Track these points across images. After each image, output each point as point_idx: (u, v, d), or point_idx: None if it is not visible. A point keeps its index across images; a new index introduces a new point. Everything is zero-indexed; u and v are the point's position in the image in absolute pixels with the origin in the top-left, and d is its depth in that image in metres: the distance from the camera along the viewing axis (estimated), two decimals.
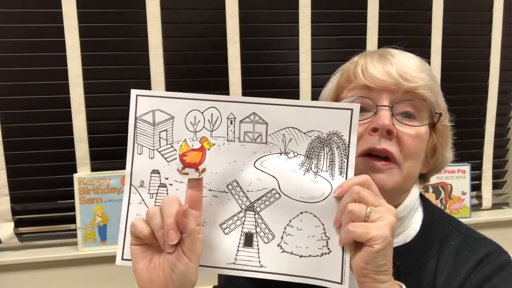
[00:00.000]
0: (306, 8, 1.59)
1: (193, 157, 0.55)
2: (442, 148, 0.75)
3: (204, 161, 0.55)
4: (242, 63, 1.58)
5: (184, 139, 0.55)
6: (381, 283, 0.54)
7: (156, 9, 1.50)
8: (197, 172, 0.55)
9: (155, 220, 0.54)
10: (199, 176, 0.55)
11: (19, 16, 1.45)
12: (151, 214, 0.54)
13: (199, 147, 0.55)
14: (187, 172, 0.55)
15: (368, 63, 0.71)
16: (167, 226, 0.53)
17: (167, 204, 0.54)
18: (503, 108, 1.83)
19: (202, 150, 0.55)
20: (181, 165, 0.55)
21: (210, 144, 0.56)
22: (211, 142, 0.57)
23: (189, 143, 0.55)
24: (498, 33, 1.74)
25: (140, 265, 0.57)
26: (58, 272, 1.51)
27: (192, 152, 0.55)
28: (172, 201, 0.54)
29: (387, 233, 0.53)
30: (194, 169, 0.55)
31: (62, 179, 1.52)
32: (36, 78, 1.49)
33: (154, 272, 0.56)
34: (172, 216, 0.52)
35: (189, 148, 0.55)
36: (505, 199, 1.91)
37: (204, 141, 0.56)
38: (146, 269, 0.56)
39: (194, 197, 0.56)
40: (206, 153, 0.56)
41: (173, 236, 0.52)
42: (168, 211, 0.53)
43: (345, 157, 0.59)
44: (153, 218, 0.54)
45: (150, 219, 0.54)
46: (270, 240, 0.59)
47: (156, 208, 0.55)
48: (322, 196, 0.58)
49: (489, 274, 0.69)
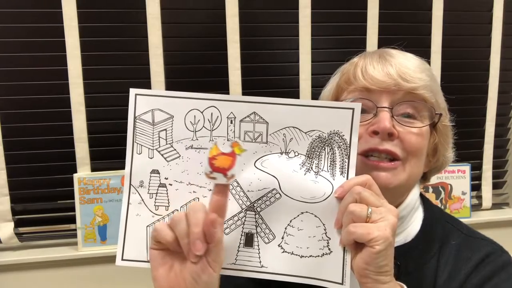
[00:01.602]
0: (306, 8, 1.59)
1: (223, 161, 0.53)
2: (443, 148, 0.75)
3: (234, 167, 0.53)
4: (242, 63, 1.58)
5: (215, 142, 0.54)
6: (382, 283, 0.54)
7: (156, 9, 1.50)
8: (225, 177, 0.52)
9: (180, 227, 0.51)
10: (227, 181, 0.53)
11: (19, 16, 1.45)
12: (176, 220, 0.52)
13: (230, 152, 0.53)
14: (215, 177, 0.52)
15: (367, 64, 0.71)
16: (193, 235, 0.50)
17: (193, 211, 0.51)
18: (503, 108, 1.83)
19: (232, 155, 0.53)
20: (209, 169, 0.52)
21: (241, 150, 0.54)
22: (242, 148, 0.54)
23: (220, 147, 0.53)
24: (498, 33, 1.74)
25: (160, 272, 0.54)
26: (58, 272, 1.51)
27: (222, 156, 0.53)
28: (199, 208, 0.52)
29: (388, 234, 0.53)
30: (223, 174, 0.52)
31: (62, 179, 1.52)
32: (36, 78, 1.49)
33: (175, 280, 0.53)
34: (199, 225, 0.50)
35: (219, 152, 0.53)
36: (505, 199, 1.91)
37: (236, 146, 0.54)
38: (166, 276, 0.54)
39: (219, 203, 0.53)
40: (236, 158, 0.53)
41: (200, 246, 0.50)
42: (195, 219, 0.51)
43: (346, 157, 0.59)
44: (178, 224, 0.52)
45: (175, 226, 0.52)
46: (271, 240, 0.59)
47: (181, 214, 0.52)
48: (323, 196, 0.58)
49: (489, 274, 0.69)
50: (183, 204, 0.60)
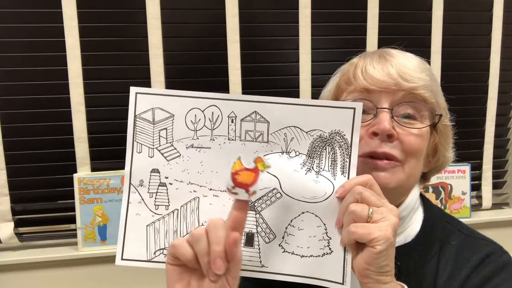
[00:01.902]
0: (306, 8, 1.59)
1: (245, 177, 0.52)
2: (443, 148, 0.75)
3: (256, 183, 0.52)
4: (242, 63, 1.58)
5: (238, 157, 0.53)
6: (383, 283, 0.53)
7: (156, 9, 1.50)
8: (247, 193, 0.51)
9: (201, 245, 0.50)
10: (248, 198, 0.52)
11: (19, 16, 1.45)
12: (196, 237, 0.51)
13: (253, 168, 0.52)
14: (236, 192, 0.51)
15: (367, 65, 0.70)
16: (214, 254, 0.49)
17: (214, 229, 0.50)
18: (503, 108, 1.83)
19: (255, 171, 0.52)
20: (231, 184, 0.51)
21: (265, 166, 0.53)
22: (265, 164, 0.53)
23: (243, 162, 0.52)
24: (498, 33, 1.74)
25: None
26: (58, 272, 1.51)
27: (245, 172, 0.52)
28: (219, 225, 0.50)
29: (389, 234, 0.53)
30: (245, 190, 0.51)
31: (62, 179, 1.52)
32: (36, 78, 1.49)
33: None
34: (220, 243, 0.49)
35: (243, 167, 0.52)
36: (505, 199, 1.91)
37: (259, 162, 0.53)
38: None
39: (238, 219, 0.52)
40: (259, 175, 0.52)
41: (221, 265, 0.49)
42: (216, 237, 0.50)
43: (347, 156, 0.59)
44: (199, 242, 0.50)
45: (194, 243, 0.51)
46: (271, 240, 0.59)
47: (201, 231, 0.51)
48: (324, 196, 0.58)
49: (489, 274, 0.69)
50: (183, 204, 0.60)
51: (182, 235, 0.60)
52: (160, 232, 0.60)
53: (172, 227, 0.60)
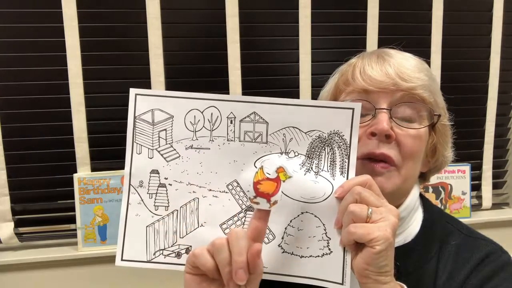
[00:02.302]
0: (306, 8, 1.59)
1: (267, 187, 0.52)
2: (442, 148, 0.75)
3: (278, 193, 0.52)
4: (242, 63, 1.58)
5: (260, 167, 0.53)
6: (382, 284, 0.53)
7: (156, 9, 1.50)
8: (268, 203, 0.52)
9: (222, 255, 0.50)
10: (269, 207, 0.52)
11: (19, 16, 1.45)
12: (218, 247, 0.50)
13: (275, 178, 0.53)
14: (258, 202, 0.52)
15: (365, 65, 0.70)
16: (236, 264, 0.48)
17: (236, 239, 0.50)
18: (503, 108, 1.83)
19: (277, 181, 0.53)
20: (253, 193, 0.52)
21: (287, 176, 0.54)
22: (287, 174, 0.54)
23: (265, 171, 0.53)
24: (498, 33, 1.74)
25: None
26: (58, 272, 1.51)
27: (267, 182, 0.53)
28: (241, 235, 0.50)
29: (388, 234, 0.52)
30: (266, 199, 0.52)
31: (62, 179, 1.52)
32: (36, 78, 1.49)
33: None
34: (242, 254, 0.49)
35: (265, 177, 0.53)
36: (505, 199, 1.91)
37: (281, 172, 0.54)
38: None
39: (259, 229, 0.52)
40: (281, 185, 0.53)
41: (243, 276, 0.48)
42: (238, 248, 0.49)
43: (346, 157, 0.59)
44: (221, 252, 0.50)
45: (216, 253, 0.50)
46: (271, 241, 0.59)
47: (223, 240, 0.50)
48: (323, 196, 0.58)
49: (489, 274, 0.69)
50: (183, 204, 0.60)
51: (182, 235, 0.60)
52: (159, 232, 0.61)
53: (171, 228, 0.60)
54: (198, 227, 0.60)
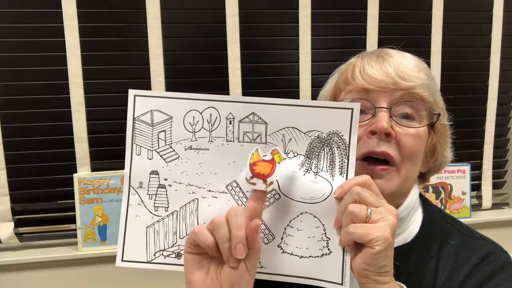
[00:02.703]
0: (306, 8, 1.59)
1: (263, 168, 0.53)
2: (441, 148, 0.75)
3: (273, 174, 0.53)
4: (242, 63, 1.58)
5: (256, 149, 0.54)
6: (382, 284, 0.53)
7: (156, 9, 1.50)
8: (264, 184, 0.53)
9: (222, 231, 0.51)
10: (265, 188, 0.53)
11: (19, 16, 1.45)
12: (217, 223, 0.51)
13: (270, 159, 0.54)
14: (254, 182, 0.53)
15: (365, 64, 0.70)
16: (235, 239, 0.50)
17: (235, 216, 0.51)
18: (503, 108, 1.83)
19: (272, 163, 0.54)
20: (250, 174, 0.53)
21: (281, 158, 0.55)
22: (282, 156, 0.55)
23: (261, 153, 0.54)
24: (498, 33, 1.74)
25: (195, 276, 0.53)
26: (58, 272, 1.51)
27: (263, 163, 0.54)
28: (240, 212, 0.51)
29: (387, 234, 0.53)
30: (262, 180, 0.53)
31: (62, 179, 1.52)
32: (36, 78, 1.49)
33: (212, 285, 0.53)
34: (241, 229, 0.50)
35: (260, 158, 0.54)
36: (505, 199, 1.91)
37: (276, 153, 0.55)
38: (203, 281, 0.53)
39: (256, 210, 0.53)
40: (276, 166, 0.54)
41: (242, 250, 0.50)
42: (237, 223, 0.50)
43: (345, 157, 0.59)
44: (220, 228, 0.51)
45: (216, 229, 0.51)
46: (270, 241, 0.59)
47: (221, 218, 0.52)
48: (323, 196, 0.58)
49: (489, 274, 0.69)
50: (182, 205, 0.60)
51: (181, 236, 0.60)
52: (159, 233, 0.61)
53: (171, 229, 0.61)
54: None
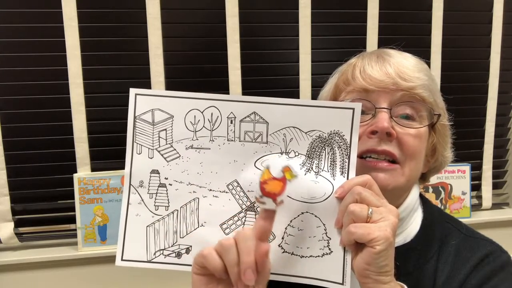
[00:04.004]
0: (306, 8, 1.59)
1: (273, 186, 0.52)
2: (441, 148, 0.75)
3: (284, 193, 0.52)
4: (242, 63, 1.58)
5: (266, 166, 0.53)
6: (382, 283, 0.53)
7: (156, 9, 1.50)
8: (274, 202, 0.52)
9: (230, 255, 0.50)
10: (275, 207, 0.52)
11: (19, 16, 1.45)
12: (226, 247, 0.51)
13: (281, 177, 0.53)
14: (264, 202, 0.52)
15: (365, 65, 0.71)
16: (244, 264, 0.49)
17: (244, 239, 0.50)
18: (503, 108, 1.83)
19: (283, 181, 0.53)
20: (260, 193, 0.52)
21: (292, 176, 0.54)
22: (293, 174, 0.54)
23: (272, 171, 0.53)
24: (498, 33, 1.74)
25: None
26: (58, 272, 1.51)
27: (273, 181, 0.52)
28: (249, 236, 0.50)
29: (388, 234, 0.53)
30: (272, 199, 0.52)
31: (62, 179, 1.52)
32: (36, 78, 1.49)
33: None
34: (250, 254, 0.49)
35: (271, 177, 0.52)
36: (505, 199, 1.91)
37: (287, 171, 0.53)
38: None
39: (265, 229, 0.52)
40: (287, 184, 0.53)
41: (251, 276, 0.49)
42: (246, 247, 0.50)
43: (346, 157, 0.59)
44: (229, 252, 0.50)
45: (224, 253, 0.51)
46: (271, 241, 0.59)
47: (231, 241, 0.51)
48: (323, 196, 0.58)
49: (489, 274, 0.69)
50: (183, 204, 0.60)
51: (182, 235, 0.60)
52: (160, 232, 0.61)
53: (172, 228, 0.61)
54: (198, 227, 0.60)
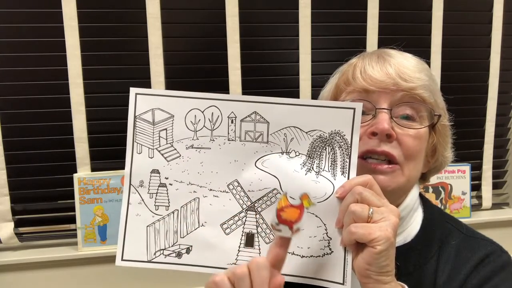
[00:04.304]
0: (306, 8, 1.59)
1: (290, 214, 0.51)
2: (442, 148, 0.75)
3: (301, 220, 0.51)
4: (242, 63, 1.58)
5: (284, 193, 0.53)
6: (383, 284, 0.53)
7: (156, 9, 1.50)
8: (290, 230, 0.51)
9: (244, 285, 0.50)
10: (291, 235, 0.51)
11: (19, 16, 1.45)
12: (239, 276, 0.50)
13: (298, 205, 0.52)
14: (280, 229, 0.51)
15: (366, 65, 0.70)
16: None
17: (257, 268, 0.50)
18: (503, 108, 1.83)
19: (300, 208, 0.52)
20: (276, 220, 0.51)
21: (310, 203, 0.53)
22: (311, 201, 0.54)
23: (289, 198, 0.52)
24: (498, 33, 1.74)
25: None
26: (58, 272, 1.51)
27: (290, 209, 0.52)
28: (263, 265, 0.50)
29: (389, 234, 0.52)
30: (289, 227, 0.51)
31: (62, 179, 1.52)
32: (36, 78, 1.49)
33: None
34: (264, 285, 0.49)
35: (288, 204, 0.52)
36: (505, 199, 1.91)
37: (305, 198, 0.53)
38: None
39: (280, 256, 0.52)
40: (304, 212, 0.52)
41: None
42: (260, 278, 0.49)
43: (347, 157, 0.59)
44: (242, 282, 0.50)
45: (237, 282, 0.50)
46: (272, 240, 0.59)
47: (244, 269, 0.50)
48: (324, 196, 0.58)
49: (489, 274, 0.69)
50: (183, 204, 0.60)
51: (182, 235, 0.60)
52: (160, 232, 0.61)
53: (172, 228, 0.60)
54: (198, 227, 0.60)
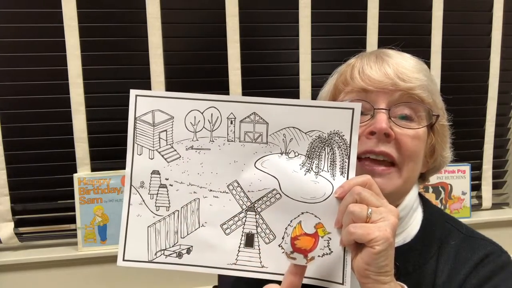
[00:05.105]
0: (306, 8, 1.59)
1: (305, 242, 0.52)
2: (440, 148, 0.75)
3: (315, 249, 0.52)
4: (242, 63, 1.58)
5: (299, 222, 0.53)
6: (382, 284, 0.53)
7: (156, 9, 1.50)
8: (305, 258, 0.51)
9: None
10: (306, 263, 0.52)
11: (19, 16, 1.45)
12: None
13: (313, 233, 0.53)
14: (295, 257, 0.52)
15: (364, 65, 0.70)
16: None
17: None
18: (503, 108, 1.83)
19: (315, 237, 0.53)
20: (290, 249, 0.52)
21: (325, 232, 0.54)
22: (326, 230, 0.54)
23: (304, 227, 0.53)
24: (498, 33, 1.75)
25: None
26: (58, 272, 1.51)
27: (305, 237, 0.52)
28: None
29: (388, 234, 0.52)
30: (303, 255, 0.51)
31: (62, 179, 1.52)
32: (36, 78, 1.49)
33: None
34: None
35: (302, 232, 0.52)
36: (505, 199, 1.91)
37: (320, 227, 0.53)
38: None
39: (294, 284, 0.52)
40: (319, 240, 0.52)
41: None
42: None
43: (346, 157, 0.59)
44: None
45: None
46: (271, 241, 0.59)
47: None
48: (323, 196, 0.58)
49: (489, 274, 0.69)
50: (183, 205, 0.60)
51: (183, 236, 0.60)
52: (161, 233, 0.61)
53: (173, 228, 0.61)
54: (199, 227, 0.60)
